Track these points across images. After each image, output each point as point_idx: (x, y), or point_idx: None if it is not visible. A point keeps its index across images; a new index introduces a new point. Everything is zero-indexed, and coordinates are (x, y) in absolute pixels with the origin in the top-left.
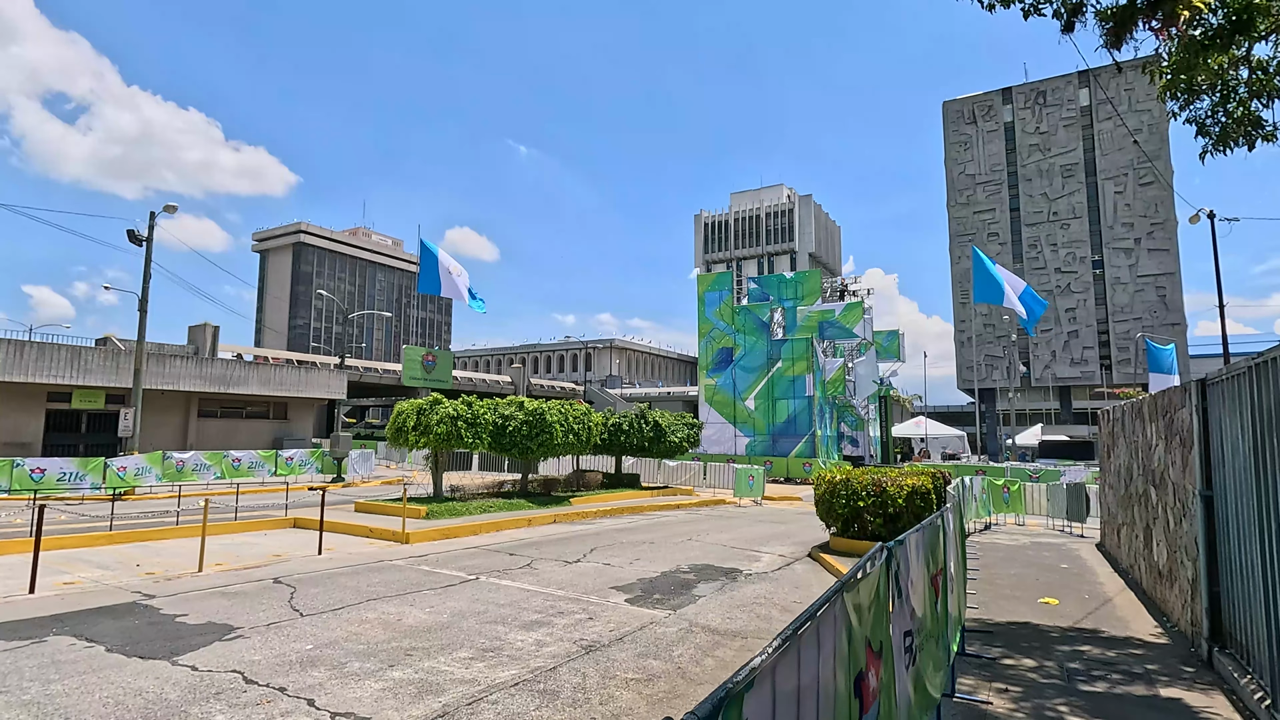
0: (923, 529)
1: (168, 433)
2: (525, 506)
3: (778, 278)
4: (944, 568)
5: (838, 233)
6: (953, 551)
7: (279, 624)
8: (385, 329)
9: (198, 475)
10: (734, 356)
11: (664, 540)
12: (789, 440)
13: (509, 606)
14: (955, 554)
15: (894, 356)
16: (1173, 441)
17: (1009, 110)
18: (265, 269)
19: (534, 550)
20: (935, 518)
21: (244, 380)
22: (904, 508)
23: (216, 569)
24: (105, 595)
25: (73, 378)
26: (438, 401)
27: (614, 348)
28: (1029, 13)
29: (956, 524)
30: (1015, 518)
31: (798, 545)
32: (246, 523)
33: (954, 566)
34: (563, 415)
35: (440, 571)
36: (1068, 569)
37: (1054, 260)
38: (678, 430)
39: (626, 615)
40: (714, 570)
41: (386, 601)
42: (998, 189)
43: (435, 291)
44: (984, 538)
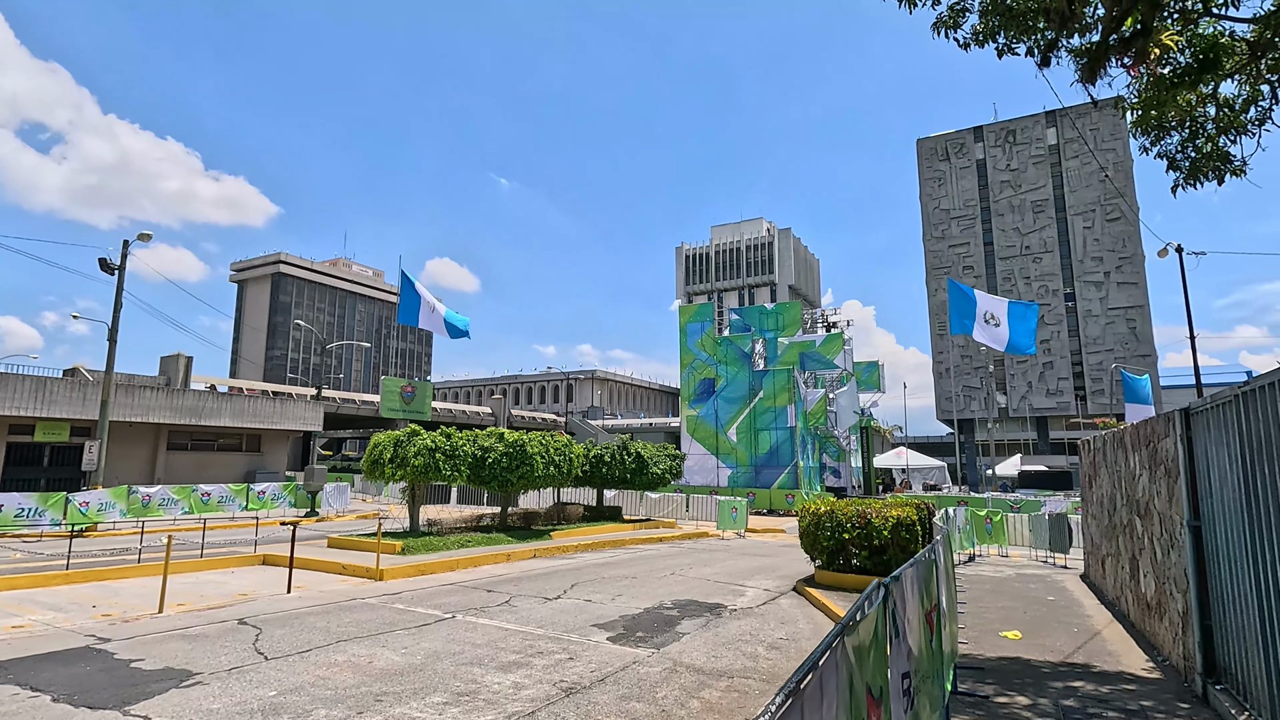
0: (918, 563)
1: (135, 466)
2: (504, 541)
3: (759, 309)
4: (938, 603)
5: (816, 265)
6: (945, 586)
7: (242, 668)
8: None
9: (165, 510)
10: (716, 387)
11: (646, 575)
12: (772, 471)
13: (486, 646)
14: (947, 588)
15: (874, 387)
16: (1157, 471)
17: (980, 148)
18: (243, 299)
19: (513, 586)
20: (928, 551)
21: (216, 412)
22: (889, 540)
23: (179, 610)
24: (56, 639)
25: (36, 409)
26: (415, 433)
27: (595, 379)
28: (1003, 52)
29: (948, 556)
30: (999, 549)
31: (782, 579)
32: (213, 560)
33: (946, 601)
34: (544, 447)
35: (415, 610)
36: (1054, 601)
37: (1027, 293)
38: (660, 462)
39: (608, 655)
40: (698, 606)
41: (357, 643)
42: (971, 223)
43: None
44: (969, 570)
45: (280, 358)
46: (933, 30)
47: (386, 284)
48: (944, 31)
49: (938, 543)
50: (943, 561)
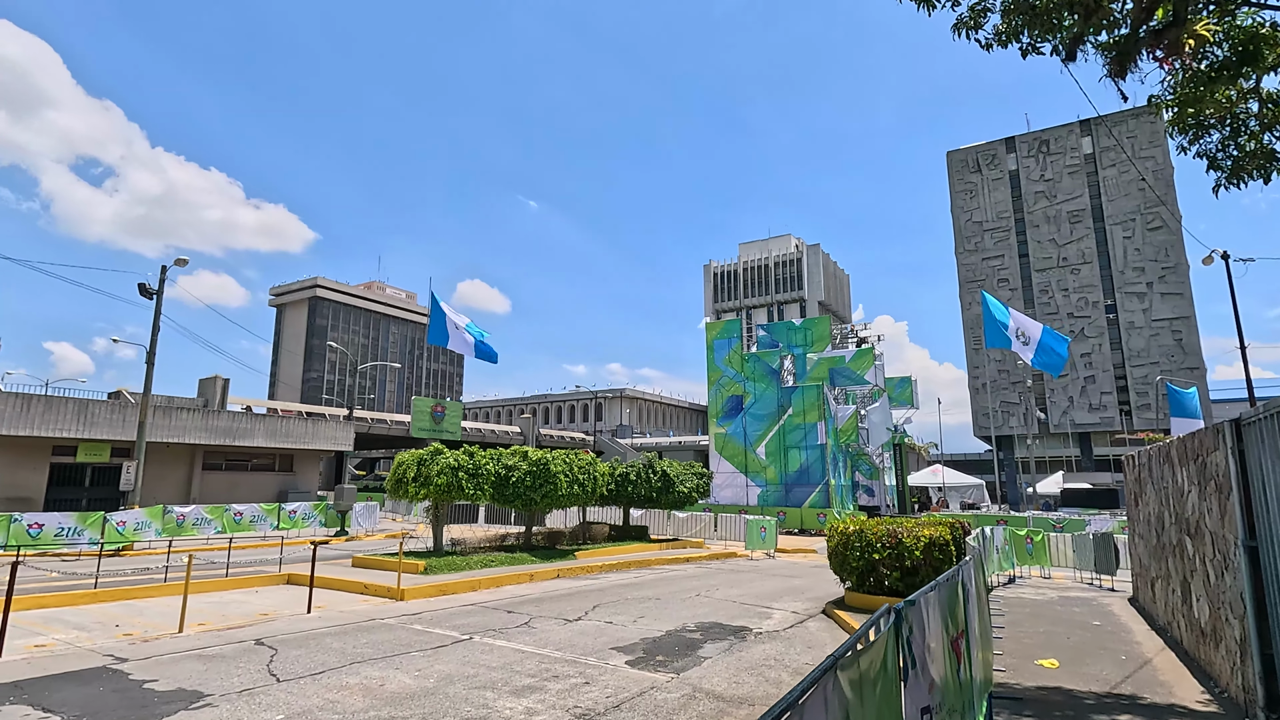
0: (939, 586)
1: (171, 486)
2: (528, 561)
3: (786, 325)
4: (966, 629)
5: (846, 281)
6: (976, 610)
7: (252, 691)
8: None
9: (198, 530)
10: (744, 404)
11: (671, 596)
12: (802, 490)
13: (501, 669)
14: (979, 612)
15: (907, 403)
16: (1207, 487)
17: (1013, 159)
18: (281, 323)
19: (534, 607)
20: (954, 573)
21: (249, 432)
22: (922, 560)
23: (199, 629)
24: (75, 659)
25: (79, 431)
26: (438, 452)
27: (624, 397)
28: (1027, 52)
29: (979, 579)
30: (1040, 570)
31: (812, 601)
32: (238, 579)
33: (978, 626)
34: (567, 465)
35: (433, 631)
36: (1100, 626)
37: (1066, 305)
38: (686, 480)
39: (626, 679)
40: (722, 629)
41: (371, 664)
42: (1005, 235)
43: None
44: (1008, 592)
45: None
46: (953, 31)
47: (419, 306)
48: (965, 33)
49: (966, 563)
50: (973, 583)
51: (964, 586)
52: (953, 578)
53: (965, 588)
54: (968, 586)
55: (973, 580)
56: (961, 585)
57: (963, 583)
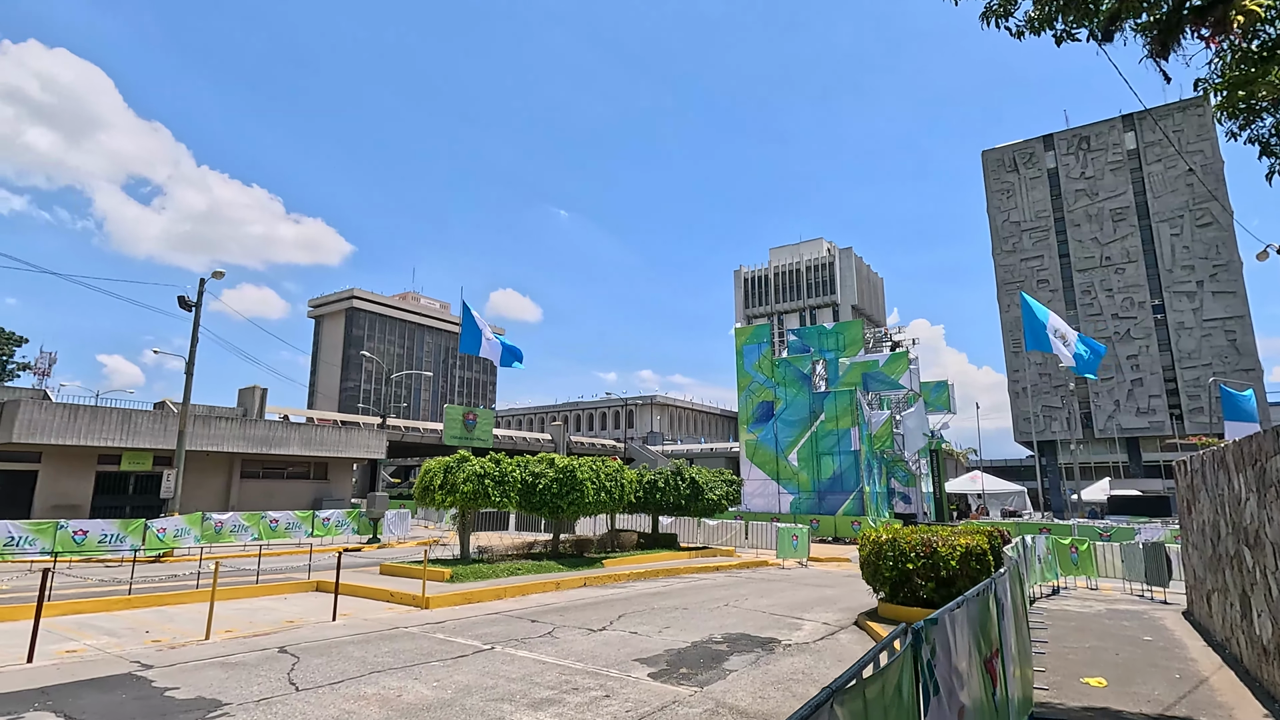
0: (967, 601)
1: (210, 494)
2: (555, 569)
3: (818, 329)
4: (1001, 647)
5: (880, 284)
6: (1012, 625)
7: (270, 700)
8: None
9: (235, 536)
10: (775, 410)
11: (698, 606)
12: (836, 497)
13: (520, 681)
14: (1016, 628)
15: (943, 408)
16: (1267, 494)
17: (1051, 156)
18: (319, 334)
19: (558, 616)
20: (985, 586)
21: (285, 441)
22: (958, 570)
23: (226, 636)
24: (103, 665)
25: (122, 440)
26: (465, 459)
27: (655, 404)
28: (1061, 39)
29: (1017, 591)
30: (1087, 581)
31: (844, 612)
32: (267, 586)
33: (1015, 643)
34: (594, 472)
35: (455, 640)
36: (1151, 642)
37: (1110, 306)
38: (716, 487)
39: (647, 693)
40: (749, 640)
41: (390, 674)
42: (1045, 235)
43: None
44: (1052, 604)
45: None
46: (981, 21)
47: (452, 316)
48: (994, 21)
49: (1001, 575)
50: (1009, 596)
51: (998, 600)
52: (984, 592)
53: (1000, 602)
54: (1002, 600)
55: (1008, 593)
56: (995, 599)
57: (996, 596)
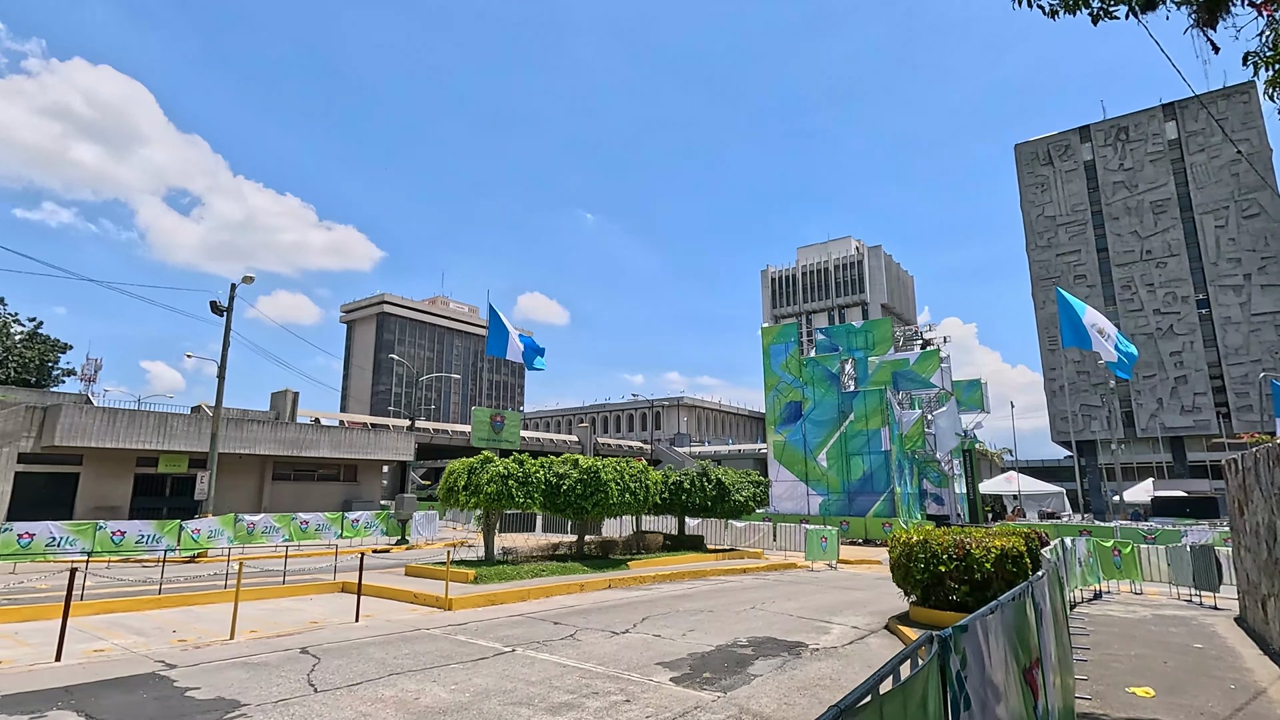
0: (1002, 606)
1: (243, 495)
2: (579, 570)
3: (846, 327)
4: (1041, 656)
5: (910, 283)
6: (1052, 632)
7: (288, 701)
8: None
9: (267, 537)
10: (803, 410)
11: (724, 609)
12: (866, 499)
13: (540, 684)
14: (1056, 635)
15: (976, 407)
16: None
17: (1088, 148)
18: (351, 339)
19: (581, 619)
20: (1022, 590)
21: (315, 443)
22: (993, 573)
23: (250, 636)
24: (128, 665)
25: (159, 443)
26: (488, 460)
27: (682, 405)
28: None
29: (1056, 596)
30: (1131, 585)
31: (874, 615)
32: (294, 587)
33: (1054, 651)
34: (618, 473)
35: (476, 642)
36: (1202, 650)
37: (1151, 301)
38: (743, 489)
39: (668, 698)
40: (775, 644)
41: (409, 676)
42: (1081, 229)
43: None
44: (1094, 609)
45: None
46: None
47: (480, 319)
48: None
49: (1039, 578)
50: (1048, 600)
51: (1036, 605)
52: (1021, 595)
53: (1039, 606)
54: (1041, 605)
55: (1047, 597)
56: (1033, 604)
57: (1035, 601)
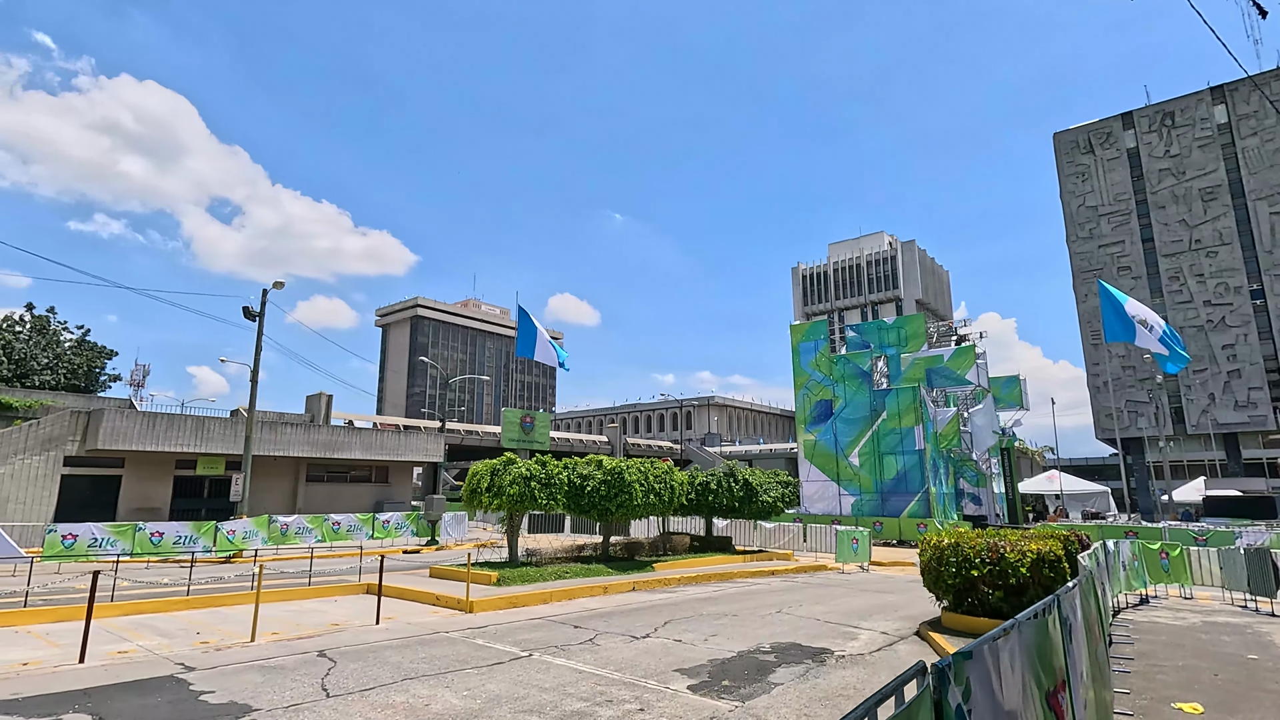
0: (1019, 626)
1: (278, 497)
2: (603, 572)
3: (877, 324)
4: (1069, 676)
5: (946, 278)
6: (1084, 646)
7: (299, 706)
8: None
9: (300, 538)
10: (834, 409)
11: (749, 613)
12: (900, 499)
13: (553, 691)
14: (1090, 649)
15: (1015, 404)
16: None
17: (1131, 135)
18: (386, 342)
19: (601, 622)
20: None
21: (347, 445)
22: (1029, 578)
23: (271, 638)
24: (149, 667)
25: (197, 445)
26: (511, 461)
27: (712, 405)
28: None
29: (1092, 605)
30: (1180, 589)
31: (905, 620)
32: (320, 588)
33: (1087, 667)
34: (642, 474)
35: (493, 646)
36: (1257, 661)
37: (1201, 292)
38: (771, 489)
39: (683, 707)
40: (799, 651)
41: (422, 682)
42: (1125, 219)
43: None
44: (1139, 615)
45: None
46: None
47: (511, 321)
48: None
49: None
50: (1079, 613)
51: (1063, 620)
52: (1044, 612)
53: (1066, 621)
54: (1070, 619)
55: (1078, 610)
56: (1059, 620)
57: (1061, 616)
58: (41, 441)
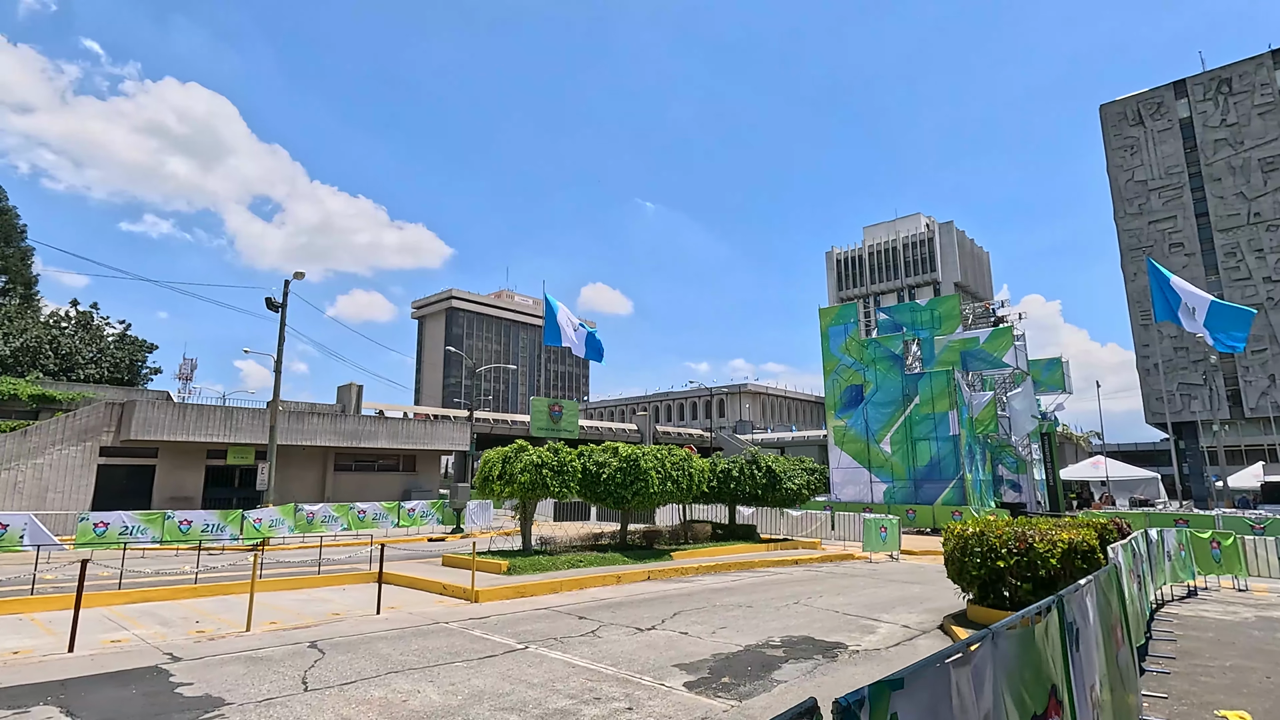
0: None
1: (307, 486)
2: (619, 561)
3: (910, 305)
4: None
5: (986, 259)
6: (1099, 652)
7: (273, 700)
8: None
9: (326, 526)
10: (864, 394)
11: (764, 604)
12: (934, 486)
13: (540, 688)
14: (1105, 654)
15: (1057, 388)
16: None
17: (1184, 105)
18: (422, 334)
19: (609, 613)
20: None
21: (374, 435)
22: (1060, 569)
23: (268, 628)
24: (136, 657)
25: (226, 436)
26: (522, 449)
27: (745, 392)
28: None
29: (1115, 602)
30: (1233, 581)
31: (929, 613)
32: (330, 577)
33: (1103, 672)
34: (659, 461)
35: (489, 638)
36: None
37: (1260, 268)
38: (795, 476)
39: (675, 706)
40: (811, 645)
41: (407, 675)
42: (1177, 193)
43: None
44: (1186, 608)
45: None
46: None
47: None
48: None
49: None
50: (1096, 616)
51: (1065, 626)
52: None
53: (1071, 626)
54: (1078, 624)
55: (1090, 610)
56: (1059, 626)
57: (1063, 620)
58: (78, 432)
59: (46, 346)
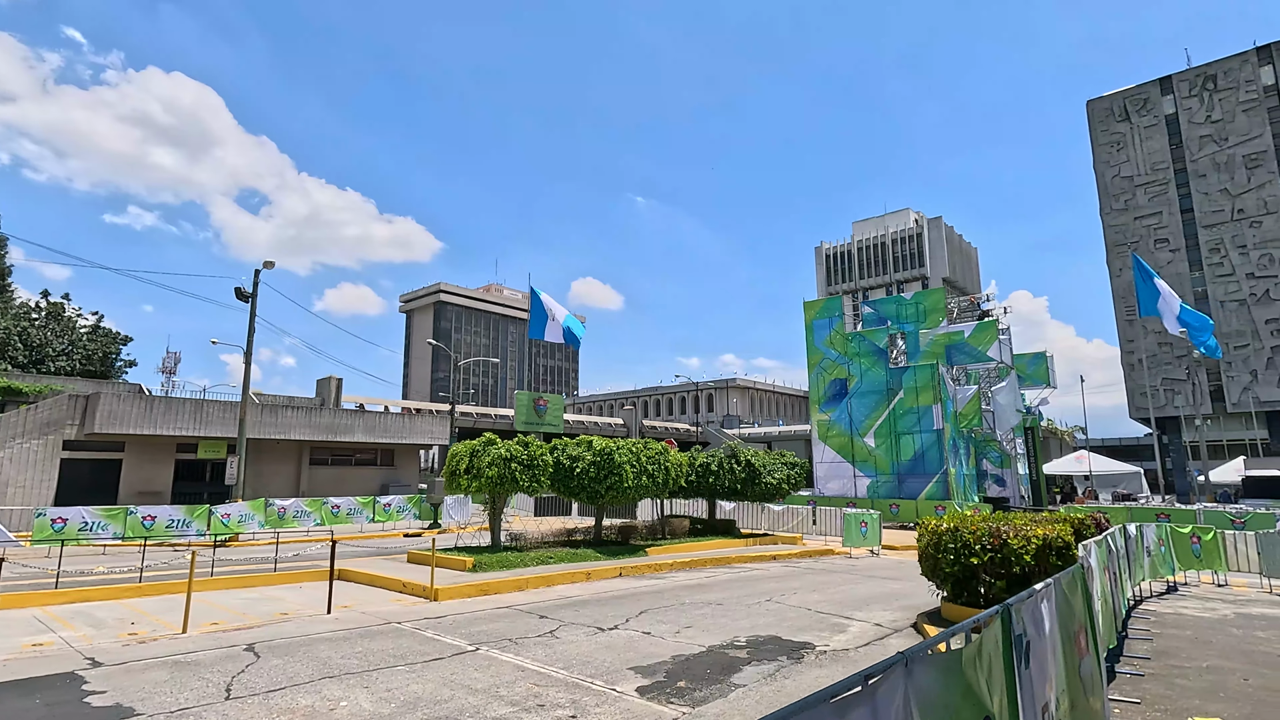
0: (909, 663)
1: (282, 480)
2: (591, 557)
3: (895, 299)
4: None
5: (974, 255)
6: (1055, 660)
7: (186, 711)
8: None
9: (298, 521)
10: (848, 388)
11: (735, 601)
12: (917, 480)
13: (482, 693)
14: (1064, 665)
15: (1042, 382)
16: None
17: (1170, 101)
18: (410, 328)
19: (571, 612)
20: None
21: (350, 428)
22: (1034, 566)
23: (208, 629)
24: (55, 662)
25: (196, 429)
26: (491, 442)
27: (732, 387)
28: None
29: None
30: (1213, 576)
31: (904, 611)
32: (286, 574)
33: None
34: (633, 455)
35: (440, 639)
36: None
37: (1244, 264)
38: (775, 470)
39: (623, 713)
40: (777, 645)
41: (341, 681)
42: (1163, 189)
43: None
44: (1164, 605)
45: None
46: None
47: None
48: None
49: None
50: (1054, 623)
51: (1014, 640)
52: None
53: (1019, 640)
54: (1030, 635)
55: (1046, 619)
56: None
57: (1009, 635)
58: (40, 426)
59: (16, 338)
